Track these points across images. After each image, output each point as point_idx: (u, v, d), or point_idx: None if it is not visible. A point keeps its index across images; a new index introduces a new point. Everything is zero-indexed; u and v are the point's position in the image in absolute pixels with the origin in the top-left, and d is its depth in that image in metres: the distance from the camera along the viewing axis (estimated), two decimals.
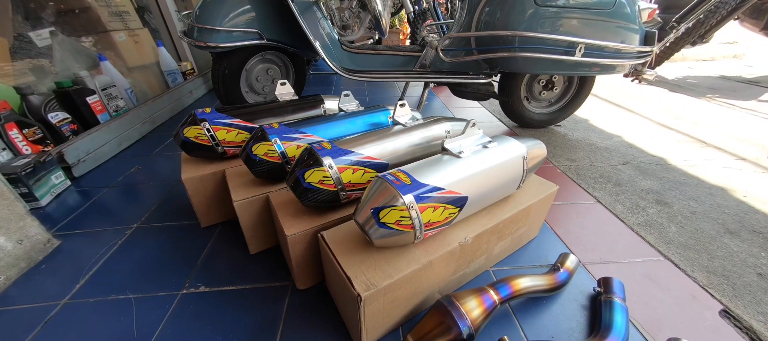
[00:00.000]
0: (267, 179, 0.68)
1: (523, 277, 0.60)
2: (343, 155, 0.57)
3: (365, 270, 0.49)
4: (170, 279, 0.67)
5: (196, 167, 0.75)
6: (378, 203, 0.47)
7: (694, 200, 1.01)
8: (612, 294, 0.60)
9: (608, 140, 1.44)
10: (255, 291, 0.65)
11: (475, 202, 0.56)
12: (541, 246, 0.78)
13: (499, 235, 0.64)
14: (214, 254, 0.74)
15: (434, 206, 0.50)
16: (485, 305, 0.54)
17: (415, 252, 0.52)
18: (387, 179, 0.49)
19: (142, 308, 0.61)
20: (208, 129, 0.71)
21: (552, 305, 0.63)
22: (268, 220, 0.69)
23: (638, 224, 0.89)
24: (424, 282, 0.54)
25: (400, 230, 0.48)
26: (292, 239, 0.56)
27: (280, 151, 0.65)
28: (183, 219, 0.84)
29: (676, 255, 0.78)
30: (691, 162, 1.25)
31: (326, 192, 0.56)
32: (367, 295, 0.45)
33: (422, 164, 0.55)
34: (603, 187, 1.06)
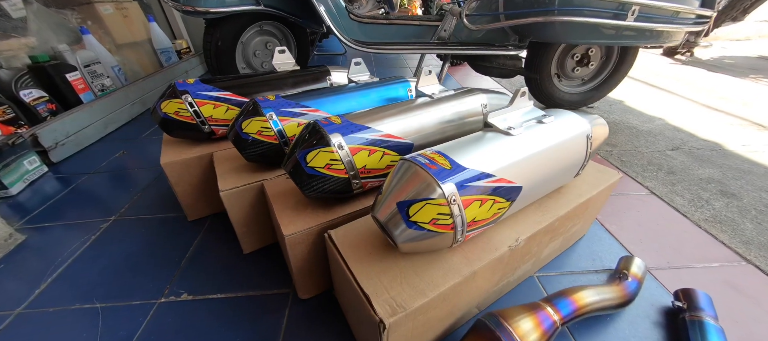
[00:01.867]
0: (262, 163, 0.56)
1: (587, 289, 0.47)
2: (356, 132, 0.44)
3: (388, 285, 0.36)
4: (147, 285, 0.56)
5: (179, 150, 0.63)
6: (406, 194, 0.34)
7: (765, 191, 0.86)
8: (699, 311, 0.47)
9: (650, 122, 1.28)
10: (248, 300, 0.53)
11: (529, 193, 0.43)
12: (591, 246, 0.65)
13: (552, 234, 0.50)
14: (200, 253, 0.62)
15: (482, 200, 0.37)
16: (543, 327, 0.41)
17: (454, 259, 0.39)
18: (417, 162, 0.36)
19: (110, 320, 0.50)
20: (191, 103, 0.58)
21: (618, 322, 0.50)
22: (263, 213, 0.57)
23: (705, 220, 0.74)
24: (463, 298, 0.41)
25: (437, 232, 0.35)
26: (291, 239, 0.43)
27: (277, 129, 0.52)
28: (168, 211, 0.73)
29: (760, 258, 0.64)
30: (752, 147, 1.09)
31: (334, 180, 0.43)
32: (392, 322, 0.32)
33: (462, 142, 0.41)
34: (654, 176, 0.91)
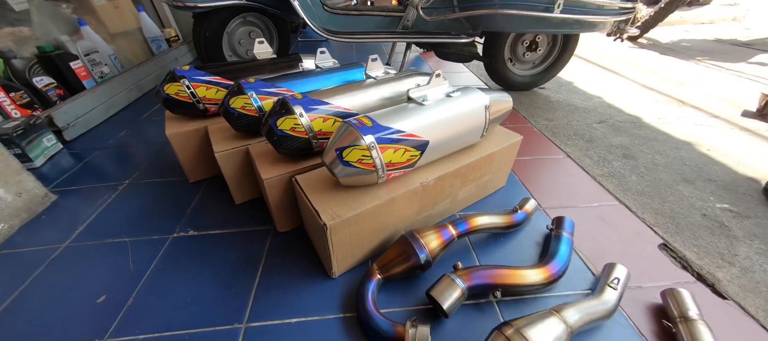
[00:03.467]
0: (247, 132, 0.72)
1: (481, 215, 0.66)
2: (313, 104, 0.61)
3: (332, 205, 0.54)
4: (162, 225, 0.73)
5: (179, 124, 0.79)
6: (342, 143, 0.52)
7: (659, 153, 1.06)
8: (561, 230, 0.67)
9: (589, 101, 1.47)
10: (239, 234, 0.71)
11: (437, 147, 0.61)
12: (508, 195, 0.84)
13: (462, 180, 0.69)
14: (201, 205, 0.79)
15: (395, 148, 0.54)
16: (443, 238, 0.60)
17: (379, 191, 0.58)
18: (351, 123, 0.53)
19: (137, 249, 0.67)
20: (188, 86, 0.74)
21: (509, 241, 0.70)
22: (250, 172, 0.74)
23: (601, 175, 0.94)
24: (388, 217, 0.60)
25: (363, 169, 0.53)
26: (268, 182, 0.61)
27: (257, 105, 0.68)
28: (172, 176, 0.89)
29: (630, 200, 0.85)
30: (665, 120, 1.30)
31: (299, 140, 0.61)
32: (332, 224, 0.51)
33: (387, 110, 0.59)
34: (575, 143, 1.11)
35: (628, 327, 0.54)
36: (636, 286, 0.61)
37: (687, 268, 0.65)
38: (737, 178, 0.96)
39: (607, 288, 0.55)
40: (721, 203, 0.85)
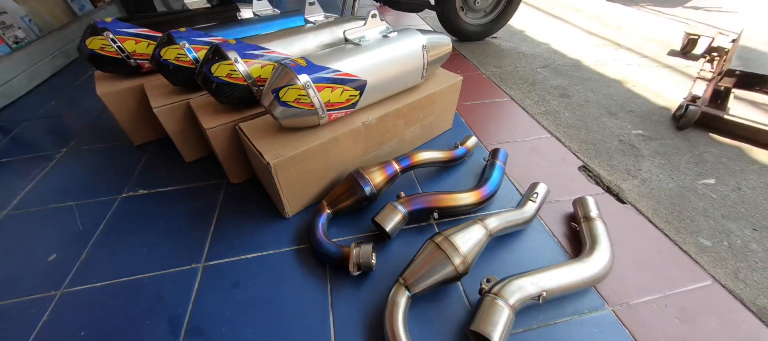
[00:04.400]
0: (187, 86, 0.71)
1: (423, 151, 0.72)
2: (249, 50, 0.60)
3: (276, 146, 0.57)
4: (109, 188, 0.72)
5: (112, 82, 0.75)
6: (278, 84, 0.53)
7: (591, 91, 1.17)
8: (495, 160, 0.74)
9: (536, 47, 1.54)
10: (192, 189, 0.72)
11: (377, 87, 0.64)
12: (454, 136, 0.90)
13: (405, 120, 0.73)
14: (150, 166, 0.78)
15: (332, 88, 0.57)
16: (387, 172, 0.65)
17: (322, 131, 0.61)
18: (286, 64, 0.54)
19: (85, 211, 0.67)
20: (114, 39, 0.69)
21: (451, 173, 0.77)
22: (196, 128, 0.73)
23: (539, 113, 1.03)
24: (334, 157, 0.63)
25: (302, 109, 0.55)
26: (212, 132, 0.61)
27: (192, 56, 0.66)
28: (115, 141, 0.86)
29: (561, 133, 0.94)
30: (602, 62, 1.40)
31: (238, 87, 0.61)
32: (275, 163, 0.54)
33: (324, 52, 0.60)
34: (519, 87, 1.18)
35: (543, 232, 0.64)
36: (555, 200, 0.70)
37: (599, 183, 0.76)
38: (653, 108, 1.08)
39: (528, 201, 0.64)
40: (635, 129, 0.97)
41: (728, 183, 0.78)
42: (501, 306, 0.44)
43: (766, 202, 0.73)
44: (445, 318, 0.50)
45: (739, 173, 0.81)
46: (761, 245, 0.63)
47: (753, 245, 0.64)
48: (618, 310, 0.51)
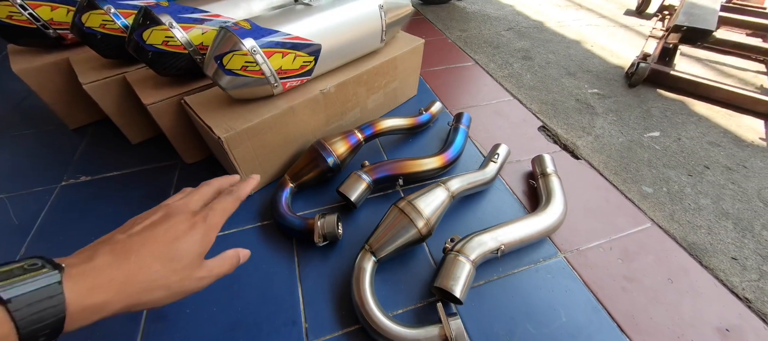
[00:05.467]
0: (121, 59, 0.63)
1: (387, 119, 0.70)
2: (185, 13, 0.54)
3: (226, 119, 0.53)
4: (45, 177, 0.65)
5: (31, 58, 0.65)
6: (221, 50, 0.49)
7: (552, 53, 1.19)
8: (459, 124, 0.75)
9: (501, 10, 1.53)
10: (142, 172, 0.67)
11: (333, 52, 0.60)
12: (420, 103, 0.89)
13: (367, 87, 0.71)
14: (91, 150, 0.71)
15: (283, 53, 0.53)
16: (350, 142, 0.64)
17: (278, 101, 0.57)
18: (228, 28, 0.49)
19: (18, 203, 0.60)
20: (23, 6, 0.59)
21: (417, 140, 0.77)
22: (137, 104, 0.66)
23: (502, 76, 1.04)
24: (293, 129, 0.61)
25: (251, 77, 0.51)
26: (154, 108, 0.56)
27: (121, 24, 0.59)
28: (46, 125, 0.77)
29: (522, 95, 0.96)
30: (563, 23, 1.42)
31: (179, 56, 0.55)
32: (226, 137, 0.50)
33: (271, 13, 0.55)
34: (484, 51, 1.18)
35: (504, 191, 0.66)
36: (516, 160, 0.73)
37: (557, 141, 0.79)
38: (609, 67, 1.13)
39: (489, 163, 0.66)
40: (592, 88, 1.01)
41: (670, 135, 0.84)
42: (462, 261, 0.46)
43: (702, 150, 0.80)
44: (412, 279, 0.51)
45: (681, 125, 0.88)
46: (694, 189, 0.70)
47: (687, 189, 0.70)
48: (569, 256, 0.55)
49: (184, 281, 0.27)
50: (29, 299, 0.20)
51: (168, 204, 0.31)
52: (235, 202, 0.33)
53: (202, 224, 0.29)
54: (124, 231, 0.27)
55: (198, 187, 0.35)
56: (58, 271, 0.22)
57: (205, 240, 0.29)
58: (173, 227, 0.28)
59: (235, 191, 0.34)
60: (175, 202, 0.31)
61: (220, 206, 0.32)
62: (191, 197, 0.32)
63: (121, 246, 0.25)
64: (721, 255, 0.58)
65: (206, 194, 0.34)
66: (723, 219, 0.64)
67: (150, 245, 0.26)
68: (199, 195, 0.33)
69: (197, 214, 0.30)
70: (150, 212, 0.30)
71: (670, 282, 0.53)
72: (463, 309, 0.48)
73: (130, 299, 0.24)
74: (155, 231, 0.27)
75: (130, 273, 0.24)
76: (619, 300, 0.50)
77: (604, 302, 0.50)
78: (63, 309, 0.21)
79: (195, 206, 0.31)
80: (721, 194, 0.69)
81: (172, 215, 0.29)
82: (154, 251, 0.26)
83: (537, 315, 0.48)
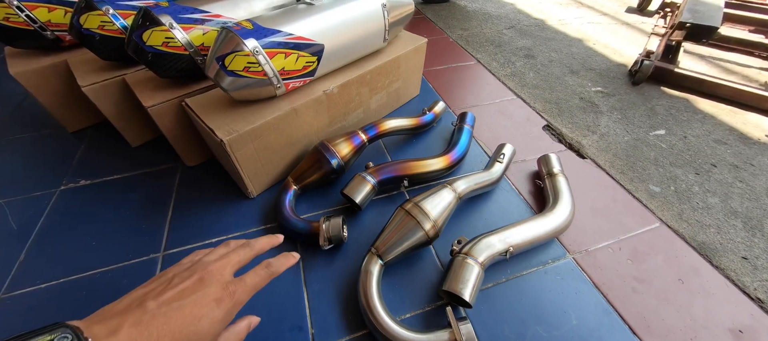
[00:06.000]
0: (120, 60, 0.62)
1: (390, 119, 0.69)
2: (186, 13, 0.53)
3: (229, 121, 0.52)
4: (44, 181, 0.64)
5: (28, 59, 0.64)
6: (222, 51, 0.48)
7: (554, 51, 1.18)
8: (463, 124, 0.74)
9: (502, 8, 1.52)
10: (142, 175, 0.66)
11: (336, 52, 0.60)
12: (422, 103, 0.88)
13: (370, 87, 0.70)
14: (90, 154, 0.70)
15: (286, 53, 0.52)
16: (354, 143, 0.63)
17: (280, 103, 0.56)
18: (229, 28, 0.48)
19: (17, 208, 0.59)
20: (20, 7, 0.58)
21: (420, 140, 0.76)
22: (136, 106, 0.65)
23: (505, 75, 1.03)
24: (296, 130, 0.60)
25: (254, 78, 0.50)
26: (154, 111, 0.55)
27: (120, 25, 0.58)
28: (44, 129, 0.76)
29: (526, 94, 0.95)
30: (565, 21, 1.41)
31: (179, 58, 0.54)
32: (229, 139, 0.49)
33: (273, 13, 0.54)
34: (485, 49, 1.17)
35: (511, 191, 0.65)
36: (521, 160, 0.72)
37: (562, 141, 0.78)
38: (612, 65, 1.12)
39: (495, 163, 0.65)
40: (595, 86, 1.00)
41: (676, 133, 0.83)
42: (471, 264, 0.45)
43: (708, 148, 0.79)
44: (419, 282, 0.50)
45: (686, 122, 0.87)
46: (702, 188, 0.69)
47: (695, 187, 0.69)
48: (578, 257, 0.54)
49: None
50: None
51: (206, 263, 0.31)
52: (267, 278, 0.33)
53: (229, 301, 0.29)
54: (156, 296, 0.27)
55: (241, 245, 0.34)
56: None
57: (226, 320, 0.29)
58: (202, 299, 0.28)
59: (272, 267, 0.34)
60: (213, 261, 0.31)
61: (252, 282, 0.31)
62: (230, 259, 0.32)
63: (146, 323, 0.25)
64: (731, 255, 0.57)
65: (245, 258, 0.33)
66: (732, 218, 0.63)
67: (174, 323, 0.26)
68: (238, 259, 0.33)
69: (228, 286, 0.29)
70: (188, 268, 0.30)
71: (681, 282, 0.52)
72: (471, 312, 0.47)
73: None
74: (184, 302, 0.27)
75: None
76: (629, 301, 0.49)
77: (614, 304, 0.49)
78: None
79: (229, 274, 0.31)
80: (730, 192, 0.68)
81: (206, 283, 0.29)
82: (177, 328, 0.26)
83: (547, 317, 0.47)
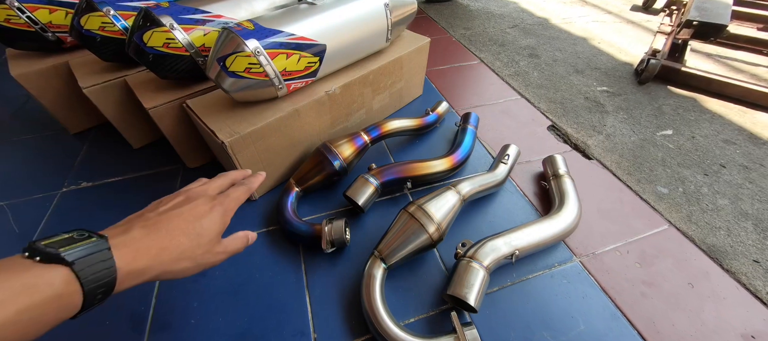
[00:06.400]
0: (121, 61, 0.62)
1: (393, 120, 0.69)
2: (186, 13, 0.53)
3: (230, 123, 0.51)
4: (45, 183, 0.64)
5: (30, 61, 0.64)
6: (223, 52, 0.47)
7: (559, 50, 1.17)
8: (467, 124, 0.73)
9: (504, 7, 1.51)
10: (144, 177, 0.65)
11: (338, 52, 0.59)
12: (425, 103, 0.87)
13: (373, 88, 0.69)
14: (92, 155, 0.70)
15: (288, 54, 0.51)
16: (356, 144, 0.62)
17: (282, 104, 0.56)
18: (230, 28, 0.48)
19: (19, 211, 0.59)
20: (21, 9, 0.58)
21: (424, 141, 0.75)
22: (137, 107, 0.65)
23: (509, 75, 1.02)
24: (298, 132, 0.59)
25: (255, 79, 0.49)
26: (155, 112, 0.55)
27: (121, 26, 0.57)
28: (46, 130, 0.76)
29: (530, 93, 0.94)
30: (568, 20, 1.40)
31: (180, 59, 0.54)
32: (230, 141, 0.49)
33: (275, 13, 0.54)
34: (489, 49, 1.16)
35: (515, 193, 0.64)
36: (526, 161, 0.71)
37: (567, 141, 0.77)
38: (617, 64, 1.10)
39: (500, 164, 0.64)
40: (601, 86, 0.99)
41: (684, 133, 0.82)
42: (476, 268, 0.44)
43: (717, 148, 0.78)
44: (423, 286, 0.50)
45: (694, 122, 0.85)
46: (711, 189, 0.68)
47: (704, 189, 0.68)
48: (585, 261, 0.53)
49: (206, 255, 0.31)
50: (89, 261, 0.23)
51: (188, 189, 0.35)
52: (246, 192, 0.38)
53: (220, 207, 0.33)
54: (152, 210, 0.31)
55: (214, 177, 0.39)
56: (104, 239, 0.25)
57: (222, 221, 0.33)
58: (196, 207, 0.31)
59: (247, 183, 0.39)
60: (194, 188, 0.35)
61: (235, 194, 0.36)
62: (209, 184, 0.36)
63: (152, 222, 0.29)
64: (742, 258, 0.56)
65: (222, 183, 0.38)
66: (742, 220, 0.62)
67: (177, 221, 0.30)
68: (216, 184, 0.37)
69: (215, 199, 0.34)
70: (172, 196, 0.33)
71: (691, 286, 0.51)
72: (477, 317, 0.46)
73: (163, 266, 0.28)
74: (181, 210, 0.31)
75: (162, 244, 0.28)
76: (638, 306, 0.48)
77: (623, 308, 0.48)
78: (114, 270, 0.24)
79: (213, 192, 0.35)
80: (739, 193, 0.67)
81: (193, 198, 0.32)
82: (181, 226, 0.29)
83: (554, 322, 0.46)
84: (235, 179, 0.40)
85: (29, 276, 0.21)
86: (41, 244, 0.23)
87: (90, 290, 0.23)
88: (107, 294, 0.25)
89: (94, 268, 0.23)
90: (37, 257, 0.22)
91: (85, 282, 0.22)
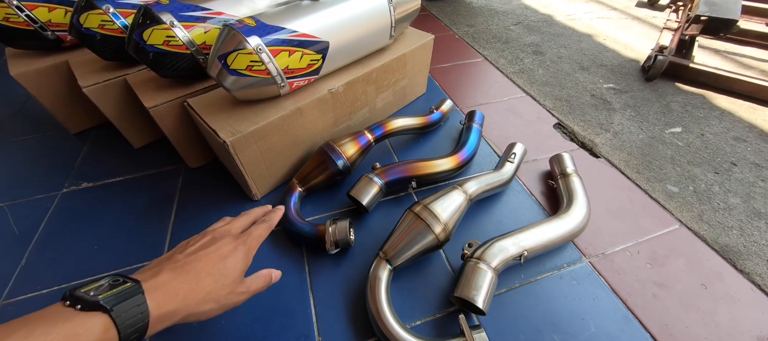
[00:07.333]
0: (121, 60, 0.61)
1: (397, 118, 0.67)
2: (187, 11, 0.52)
3: (232, 122, 0.50)
4: (46, 183, 0.63)
5: (29, 60, 0.63)
6: (225, 49, 0.46)
7: (563, 47, 1.15)
8: (472, 122, 0.71)
9: (508, 4, 1.49)
10: (145, 177, 0.65)
11: (341, 49, 0.58)
12: (429, 101, 0.86)
13: (376, 86, 0.68)
14: (92, 155, 0.69)
15: (290, 51, 0.50)
16: (360, 143, 0.61)
17: (284, 102, 0.55)
18: (231, 25, 0.47)
19: (18, 212, 0.58)
20: (19, 7, 0.57)
21: (428, 139, 0.74)
22: (138, 106, 0.64)
23: (513, 72, 1.01)
24: (300, 131, 0.58)
25: (257, 77, 0.48)
26: (155, 112, 0.54)
27: (121, 24, 0.56)
28: (47, 130, 0.75)
29: (535, 91, 0.93)
30: (573, 16, 1.38)
31: (181, 57, 0.53)
32: (232, 140, 0.48)
33: (277, 10, 0.53)
34: (493, 46, 1.15)
35: (522, 192, 0.63)
36: (532, 159, 0.69)
37: (574, 139, 0.76)
38: (623, 61, 1.09)
39: (506, 163, 0.63)
40: (607, 83, 0.97)
41: (693, 130, 0.81)
42: (484, 269, 0.43)
43: (727, 146, 0.76)
44: (429, 288, 0.49)
45: (703, 119, 0.84)
46: (722, 187, 0.67)
47: (715, 187, 0.67)
48: (594, 261, 0.52)
49: (229, 295, 0.31)
50: (125, 307, 0.24)
51: (213, 229, 0.36)
52: (267, 229, 0.39)
53: (244, 247, 0.34)
54: (180, 251, 0.32)
55: (237, 216, 0.40)
56: (138, 284, 0.26)
57: (246, 260, 0.34)
58: (221, 248, 0.32)
59: (268, 220, 0.40)
60: (218, 228, 0.36)
61: (257, 232, 0.37)
62: (232, 224, 0.37)
63: (180, 264, 0.30)
64: (755, 258, 0.54)
65: (244, 222, 0.39)
66: (755, 219, 0.60)
67: (203, 262, 0.30)
68: (239, 223, 0.38)
69: (238, 238, 0.35)
70: (198, 236, 0.34)
71: (704, 287, 0.49)
72: (485, 319, 0.45)
73: (190, 309, 0.28)
74: (207, 251, 0.32)
75: (190, 286, 0.29)
76: (650, 307, 0.47)
77: (634, 310, 0.46)
78: (148, 315, 0.25)
79: (236, 231, 0.36)
80: (752, 192, 0.65)
81: (217, 238, 0.34)
82: (207, 268, 0.30)
83: (564, 325, 0.45)
84: (257, 216, 0.41)
85: (72, 326, 0.22)
86: (81, 292, 0.24)
87: (126, 335, 0.24)
88: (140, 338, 0.25)
89: (130, 313, 0.24)
90: (78, 305, 0.23)
91: (122, 327, 0.23)
